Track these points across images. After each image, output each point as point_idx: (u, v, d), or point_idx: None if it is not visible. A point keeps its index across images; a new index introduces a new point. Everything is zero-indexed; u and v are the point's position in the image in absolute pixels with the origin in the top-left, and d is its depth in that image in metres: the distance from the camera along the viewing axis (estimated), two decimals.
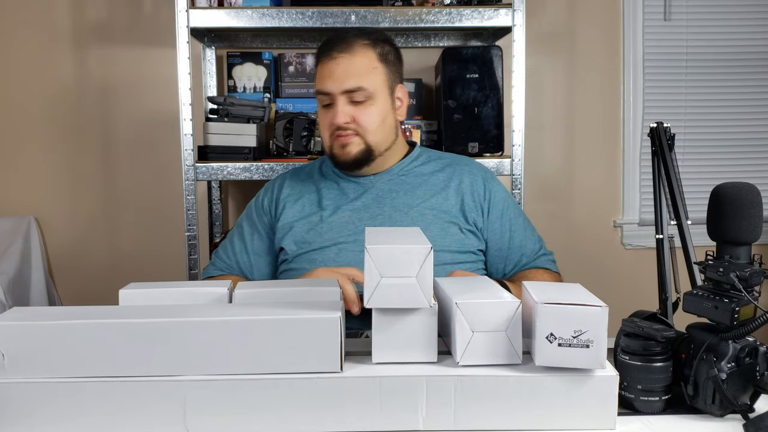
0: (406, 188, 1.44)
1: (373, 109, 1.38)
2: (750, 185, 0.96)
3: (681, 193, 1.06)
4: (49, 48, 2.50)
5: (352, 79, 1.36)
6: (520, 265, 1.44)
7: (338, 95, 1.37)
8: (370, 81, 1.38)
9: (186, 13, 1.96)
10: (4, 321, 0.83)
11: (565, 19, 2.64)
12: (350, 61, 1.37)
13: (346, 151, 1.39)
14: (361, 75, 1.37)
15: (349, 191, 1.45)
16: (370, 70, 1.38)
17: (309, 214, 1.43)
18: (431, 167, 1.48)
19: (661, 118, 1.18)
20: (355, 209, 1.42)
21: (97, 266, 2.58)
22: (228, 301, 0.97)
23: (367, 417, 0.84)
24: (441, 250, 1.35)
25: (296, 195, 1.48)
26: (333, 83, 1.37)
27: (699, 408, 0.88)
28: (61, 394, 0.83)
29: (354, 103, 1.37)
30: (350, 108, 1.37)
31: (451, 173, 1.46)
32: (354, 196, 1.44)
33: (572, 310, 0.82)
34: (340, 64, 1.37)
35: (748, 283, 0.85)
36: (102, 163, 2.56)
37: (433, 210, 1.40)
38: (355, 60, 1.37)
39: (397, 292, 0.84)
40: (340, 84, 1.36)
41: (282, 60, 2.41)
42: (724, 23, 2.70)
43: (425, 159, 1.50)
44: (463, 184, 1.45)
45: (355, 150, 1.39)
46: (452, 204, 1.42)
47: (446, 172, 1.47)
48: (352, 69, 1.37)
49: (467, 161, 1.53)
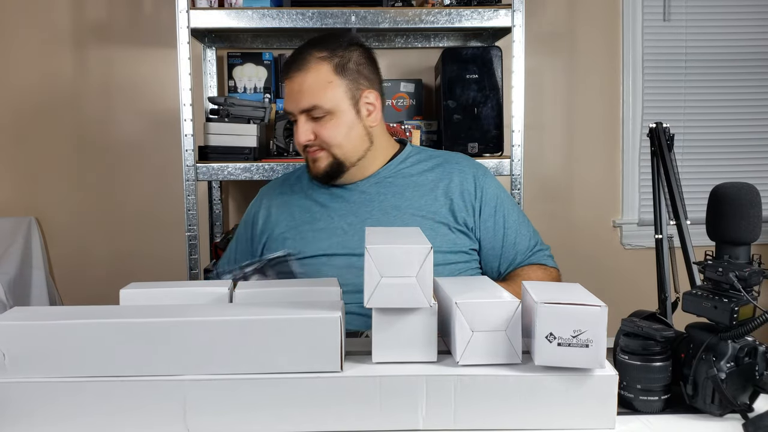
0: (394, 190, 1.43)
1: (333, 124, 1.38)
2: (749, 185, 0.96)
3: (680, 193, 1.06)
4: (49, 48, 2.50)
5: (305, 98, 1.36)
6: (515, 263, 1.43)
7: (297, 114, 1.38)
8: (326, 97, 1.36)
9: (186, 13, 1.96)
10: (4, 321, 0.84)
11: (565, 19, 2.64)
12: (303, 79, 1.37)
13: (316, 165, 1.41)
14: (314, 92, 1.36)
15: (337, 196, 1.45)
16: (324, 86, 1.37)
17: (299, 223, 1.44)
18: (420, 168, 1.47)
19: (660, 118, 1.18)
20: (343, 214, 1.42)
21: (97, 266, 2.58)
22: (228, 301, 0.97)
23: (367, 417, 0.84)
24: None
25: (284, 205, 1.48)
26: (291, 103, 1.38)
27: (698, 407, 0.88)
28: (62, 394, 0.83)
29: (314, 120, 1.37)
30: (312, 125, 1.38)
31: (440, 173, 1.45)
32: (342, 201, 1.44)
33: (572, 310, 0.82)
34: (294, 83, 1.38)
35: (747, 282, 0.85)
36: (103, 164, 2.56)
37: (421, 211, 1.40)
38: (309, 78, 1.37)
39: (397, 291, 0.84)
40: (296, 104, 1.37)
41: (282, 60, 2.41)
42: (723, 23, 2.71)
43: (415, 159, 1.49)
44: (452, 184, 1.43)
45: (323, 164, 1.40)
46: (441, 204, 1.41)
47: (435, 172, 1.46)
48: (305, 87, 1.36)
49: (458, 159, 1.51)
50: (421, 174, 1.45)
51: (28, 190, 2.55)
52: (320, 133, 1.38)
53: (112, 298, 0.96)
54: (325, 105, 1.36)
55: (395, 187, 1.44)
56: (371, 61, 1.45)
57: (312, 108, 1.36)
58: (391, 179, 1.45)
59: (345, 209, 1.43)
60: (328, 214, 1.43)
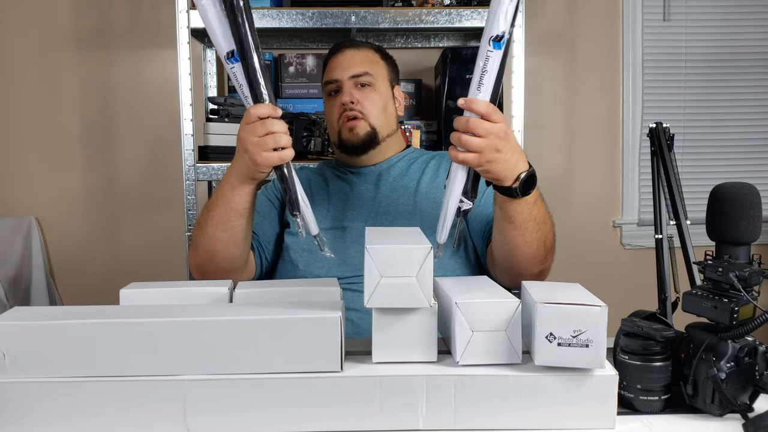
0: (402, 173, 1.50)
1: (375, 95, 1.47)
2: (749, 185, 0.96)
3: (680, 193, 1.06)
4: (50, 49, 2.50)
5: (357, 66, 1.47)
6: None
7: (345, 80, 1.46)
8: (374, 69, 1.49)
9: (186, 13, 1.96)
10: (4, 321, 0.84)
11: (565, 19, 2.64)
12: (356, 53, 1.50)
13: (354, 133, 1.45)
14: (365, 63, 1.49)
15: (351, 179, 1.51)
16: (375, 61, 1.51)
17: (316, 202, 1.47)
18: (425, 157, 1.55)
19: (660, 118, 1.18)
20: (357, 194, 1.47)
21: (97, 266, 2.58)
22: (228, 301, 0.97)
23: (367, 416, 0.84)
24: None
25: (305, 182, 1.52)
26: (341, 71, 1.47)
27: (698, 407, 0.88)
28: (61, 394, 0.83)
29: (359, 88, 1.46)
30: (356, 92, 1.46)
31: (439, 160, 1.53)
32: (355, 182, 1.50)
33: (572, 310, 0.82)
34: (346, 56, 1.50)
35: (747, 282, 0.85)
36: (103, 163, 2.56)
37: (429, 190, 1.45)
38: (361, 52, 1.51)
39: (397, 291, 0.84)
40: (347, 71, 1.47)
41: (282, 60, 2.41)
42: (723, 24, 2.71)
43: (419, 153, 1.57)
44: (443, 162, 1.51)
45: (362, 132, 1.45)
46: (429, 178, 1.48)
47: (436, 159, 1.54)
48: (357, 59, 1.49)
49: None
50: (425, 161, 1.53)
51: (28, 190, 2.55)
52: (363, 100, 1.46)
53: (112, 298, 0.96)
54: (373, 74, 1.48)
55: (403, 170, 1.51)
56: (397, 70, 1.60)
57: (362, 74, 1.47)
58: (400, 163, 1.52)
59: (357, 190, 1.48)
60: (341, 192, 1.49)
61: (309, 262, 1.40)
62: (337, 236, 1.41)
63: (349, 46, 1.52)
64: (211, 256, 1.26)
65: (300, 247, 1.42)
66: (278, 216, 1.51)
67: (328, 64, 1.52)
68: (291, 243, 1.45)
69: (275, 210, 1.51)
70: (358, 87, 1.46)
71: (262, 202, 1.50)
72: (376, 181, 1.49)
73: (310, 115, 2.16)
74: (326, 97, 1.52)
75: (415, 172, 1.50)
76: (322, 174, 1.56)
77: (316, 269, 1.39)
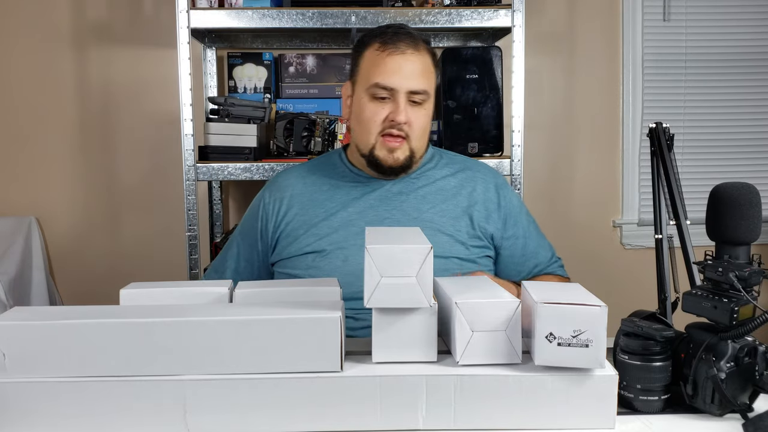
0: (418, 193, 1.41)
1: (424, 115, 1.35)
2: (749, 185, 0.96)
3: (680, 193, 1.06)
4: (49, 49, 2.50)
5: (419, 80, 1.32)
6: (535, 272, 1.44)
7: (401, 93, 1.31)
8: (430, 85, 1.35)
9: (186, 13, 1.96)
10: (4, 321, 0.84)
11: (565, 19, 2.64)
12: (418, 59, 1.32)
13: (393, 156, 1.34)
14: (427, 77, 1.34)
15: (359, 191, 1.41)
16: (430, 73, 1.35)
17: (313, 219, 1.39)
18: (443, 172, 1.45)
19: (660, 118, 1.18)
20: (362, 211, 1.39)
21: (97, 266, 2.58)
22: (228, 301, 0.97)
23: (367, 416, 0.84)
24: (449, 256, 1.35)
25: (301, 197, 1.42)
26: (401, 80, 1.31)
27: (698, 407, 0.88)
28: (62, 394, 0.83)
29: (411, 105, 1.33)
30: (409, 110, 1.32)
31: (463, 179, 1.44)
32: (362, 195, 1.40)
33: (572, 310, 0.82)
34: (409, 61, 1.31)
35: (747, 282, 0.85)
36: (103, 163, 2.56)
37: (443, 217, 1.38)
38: (423, 60, 1.33)
39: (397, 291, 0.84)
40: (408, 82, 1.31)
41: (282, 60, 2.41)
42: (723, 23, 2.71)
43: (437, 161, 1.47)
44: (475, 192, 1.42)
45: (402, 156, 1.34)
46: (462, 211, 1.40)
47: (458, 177, 1.44)
48: (420, 69, 1.32)
49: (479, 167, 1.50)
50: (444, 178, 1.44)
51: (28, 190, 2.55)
52: (412, 119, 1.32)
53: (112, 298, 0.96)
54: (430, 91, 1.34)
55: (419, 189, 1.41)
56: None
57: (421, 92, 1.32)
58: (415, 180, 1.42)
59: (363, 205, 1.39)
60: (345, 208, 1.39)
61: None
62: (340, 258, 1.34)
63: (410, 47, 1.32)
64: None
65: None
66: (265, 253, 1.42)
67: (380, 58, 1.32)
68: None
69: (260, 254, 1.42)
70: (410, 103, 1.32)
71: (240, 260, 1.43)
72: (385, 199, 1.39)
73: (310, 115, 2.16)
74: (368, 97, 1.33)
75: (430, 192, 1.40)
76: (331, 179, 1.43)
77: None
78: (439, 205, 1.40)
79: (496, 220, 1.42)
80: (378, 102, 1.33)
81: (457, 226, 1.39)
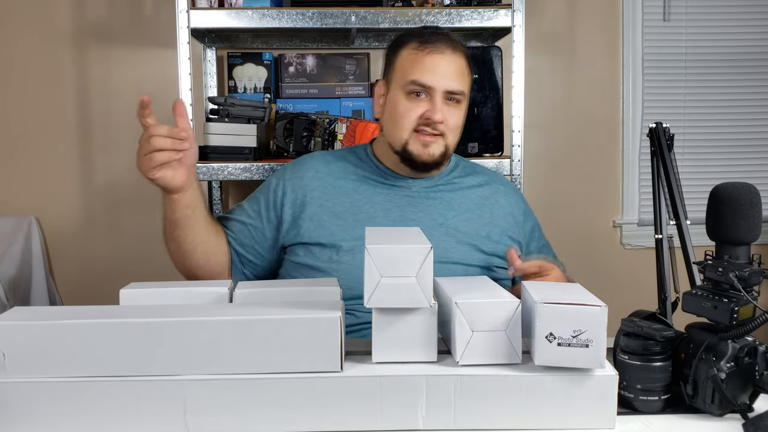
0: (444, 198, 1.43)
1: (459, 113, 1.38)
2: (749, 185, 0.96)
3: (680, 193, 1.06)
4: (49, 48, 2.50)
5: (457, 80, 1.35)
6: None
7: (439, 91, 1.34)
8: (466, 85, 1.39)
9: (186, 13, 1.96)
10: (4, 321, 0.84)
11: (565, 19, 2.64)
12: (458, 60, 1.36)
13: (428, 151, 1.36)
14: (464, 77, 1.38)
15: (386, 187, 1.42)
16: (466, 75, 1.39)
17: (337, 207, 1.38)
18: (470, 181, 1.48)
19: (660, 118, 1.18)
20: (387, 209, 1.39)
21: (97, 266, 2.58)
22: (228, 301, 0.97)
23: (367, 417, 0.84)
24: (469, 264, 1.37)
25: (324, 180, 1.41)
26: (438, 78, 1.34)
27: (698, 407, 0.88)
28: (62, 394, 0.83)
29: (447, 103, 1.36)
30: (445, 108, 1.35)
31: (488, 192, 1.47)
32: (388, 192, 1.41)
33: (572, 310, 0.82)
34: (447, 61, 1.35)
35: (747, 282, 0.85)
36: (103, 163, 2.56)
37: (467, 226, 1.40)
38: (460, 61, 1.37)
39: (397, 291, 0.84)
40: (446, 81, 1.34)
41: (282, 60, 2.41)
42: (723, 23, 2.71)
43: (462, 170, 1.50)
44: (498, 205, 1.46)
45: (437, 152, 1.36)
46: (485, 222, 1.42)
47: (484, 189, 1.48)
48: (458, 69, 1.36)
49: (501, 180, 1.55)
50: (471, 188, 1.47)
51: (28, 190, 2.55)
52: (448, 118, 1.35)
53: (112, 298, 0.96)
54: (466, 92, 1.38)
55: (447, 195, 1.44)
56: None
57: (458, 92, 1.35)
58: (442, 186, 1.45)
59: (389, 205, 1.40)
60: (371, 203, 1.39)
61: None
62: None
63: (449, 47, 1.35)
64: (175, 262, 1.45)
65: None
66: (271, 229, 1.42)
67: (418, 57, 1.34)
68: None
69: (267, 224, 1.42)
70: (446, 102, 1.35)
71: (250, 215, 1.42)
72: (413, 201, 1.41)
73: (310, 115, 2.16)
74: (404, 94, 1.36)
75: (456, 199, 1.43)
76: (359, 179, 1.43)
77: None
78: (464, 214, 1.42)
79: (516, 235, 1.46)
80: (414, 99, 1.35)
81: (481, 235, 1.41)
